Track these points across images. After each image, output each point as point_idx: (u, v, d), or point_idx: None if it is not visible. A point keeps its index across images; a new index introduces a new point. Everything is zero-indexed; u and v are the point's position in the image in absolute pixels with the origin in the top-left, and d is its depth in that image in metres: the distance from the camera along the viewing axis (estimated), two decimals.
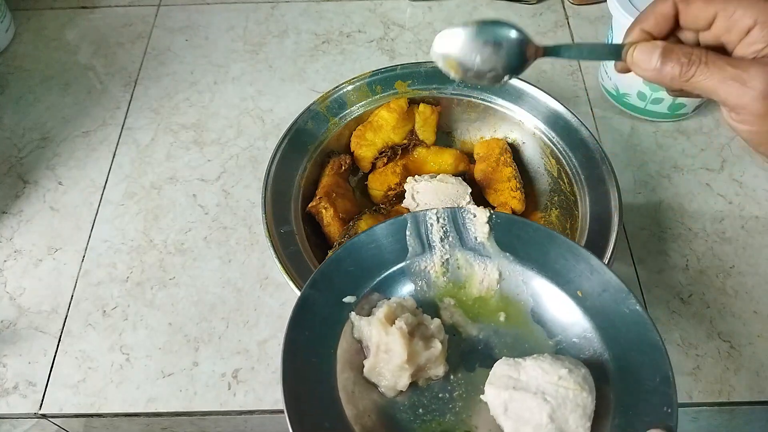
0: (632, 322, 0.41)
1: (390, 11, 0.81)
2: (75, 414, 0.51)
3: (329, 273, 0.44)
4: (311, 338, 0.41)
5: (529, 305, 0.45)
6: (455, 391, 0.42)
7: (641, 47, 0.36)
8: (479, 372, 0.43)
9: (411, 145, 0.62)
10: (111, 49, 0.77)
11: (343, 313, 0.43)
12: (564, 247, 0.44)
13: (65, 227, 0.61)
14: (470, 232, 0.46)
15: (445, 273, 0.46)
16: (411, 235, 0.46)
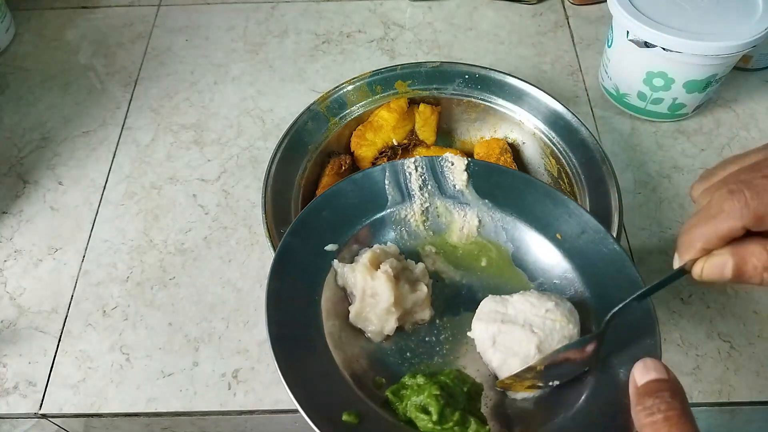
0: (610, 260, 0.42)
1: (390, 11, 0.81)
2: (75, 414, 0.51)
3: (309, 221, 0.45)
4: (294, 286, 0.42)
5: (509, 250, 0.46)
6: (441, 334, 0.43)
7: (710, 264, 0.33)
8: (464, 315, 0.44)
9: (411, 145, 0.62)
10: (111, 49, 0.77)
11: (325, 261, 0.44)
12: (542, 192, 0.45)
13: (65, 227, 0.61)
14: (449, 180, 0.47)
15: (425, 221, 0.47)
16: (390, 184, 0.47)
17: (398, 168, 0.47)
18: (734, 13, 0.59)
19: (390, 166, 0.47)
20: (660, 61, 0.61)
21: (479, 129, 0.63)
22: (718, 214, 0.32)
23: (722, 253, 0.33)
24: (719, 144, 0.66)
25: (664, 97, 0.64)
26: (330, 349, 0.40)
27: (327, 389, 0.38)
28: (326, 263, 0.44)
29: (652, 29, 0.58)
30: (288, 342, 0.39)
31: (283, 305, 0.40)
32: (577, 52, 0.75)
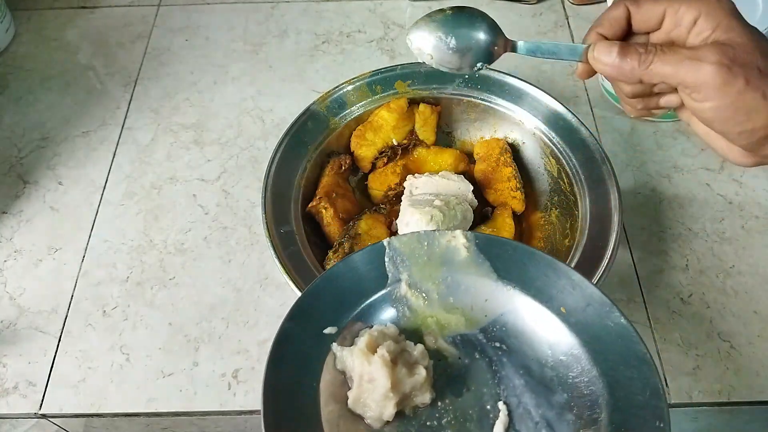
0: (618, 336, 0.40)
1: (390, 11, 0.81)
2: (75, 414, 0.51)
3: (308, 305, 0.43)
4: (293, 374, 0.40)
5: None
6: (443, 418, 0.42)
7: (600, 45, 0.38)
8: (467, 397, 0.42)
9: (411, 145, 0.62)
10: (111, 49, 0.77)
11: (324, 345, 0.42)
12: (544, 264, 0.44)
13: (65, 227, 0.61)
14: None
15: (425, 299, 0.45)
16: (390, 261, 0.45)
17: (393, 242, 0.46)
18: None
19: (388, 243, 0.45)
20: None
21: (479, 129, 0.63)
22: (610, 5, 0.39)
23: (611, 41, 0.38)
24: None
25: None
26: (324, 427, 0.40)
27: None
28: (326, 347, 0.42)
29: None
30: (283, 428, 0.38)
31: (281, 395, 0.39)
32: None
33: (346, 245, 0.52)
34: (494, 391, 0.42)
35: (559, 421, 0.40)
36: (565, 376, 0.41)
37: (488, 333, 0.44)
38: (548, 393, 0.41)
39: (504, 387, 0.42)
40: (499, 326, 0.44)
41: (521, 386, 0.42)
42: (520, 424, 0.41)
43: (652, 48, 0.36)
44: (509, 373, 0.43)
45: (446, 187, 0.57)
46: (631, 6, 0.39)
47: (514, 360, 0.43)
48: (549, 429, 0.40)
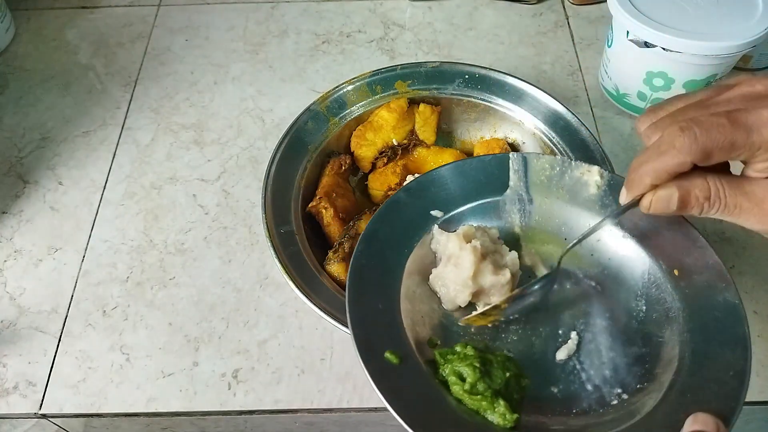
0: (725, 313, 0.40)
1: (390, 11, 0.81)
2: (75, 414, 0.51)
3: (426, 184, 0.46)
4: (391, 234, 0.44)
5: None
6: (513, 324, 0.43)
7: (657, 198, 0.36)
8: (543, 315, 0.43)
9: (411, 145, 0.62)
10: (111, 49, 0.77)
11: (428, 223, 0.45)
12: (672, 222, 0.43)
13: (65, 227, 0.61)
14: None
15: (538, 220, 0.46)
16: (515, 173, 0.47)
17: (530, 159, 0.47)
18: (734, 13, 0.59)
19: (520, 156, 0.47)
20: (660, 61, 0.61)
21: (479, 129, 0.63)
22: (669, 150, 0.33)
23: (668, 187, 0.35)
24: None
25: (664, 97, 0.64)
26: (401, 295, 0.42)
27: (383, 326, 0.40)
28: (428, 225, 0.45)
29: (652, 29, 0.58)
30: (366, 271, 0.42)
31: (375, 243, 0.43)
32: (577, 52, 0.75)
33: (346, 245, 0.52)
34: (572, 321, 0.43)
35: (627, 370, 0.41)
36: (652, 334, 0.41)
37: (588, 271, 0.45)
38: (627, 342, 0.42)
39: (583, 321, 0.43)
40: (602, 268, 0.45)
41: (602, 327, 0.43)
42: (586, 358, 0.42)
43: (714, 198, 0.34)
44: (594, 311, 0.43)
45: None
46: (699, 162, 0.34)
47: (604, 302, 0.44)
48: (613, 372, 0.41)
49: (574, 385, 0.41)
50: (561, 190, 0.46)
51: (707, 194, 0.34)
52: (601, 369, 0.41)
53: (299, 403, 0.50)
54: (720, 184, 0.34)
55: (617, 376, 0.40)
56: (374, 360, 0.38)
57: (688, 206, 0.35)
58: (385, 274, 0.43)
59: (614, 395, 0.40)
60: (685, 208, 0.35)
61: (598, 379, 0.41)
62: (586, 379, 0.41)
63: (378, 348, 0.39)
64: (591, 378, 0.41)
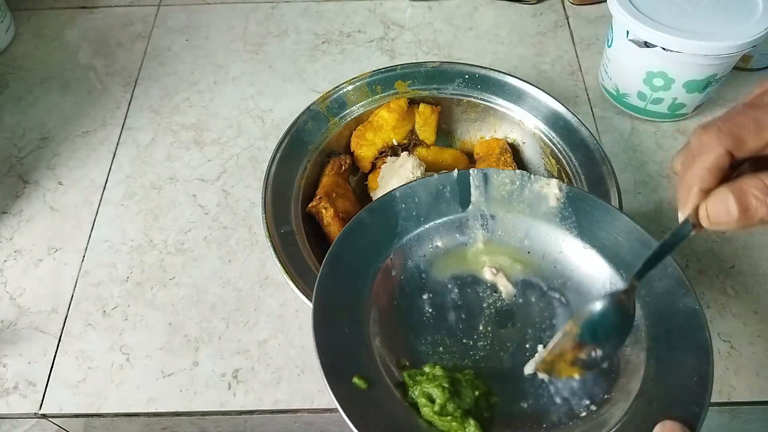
0: (685, 318, 0.40)
1: (390, 11, 0.81)
2: (75, 414, 0.51)
3: (389, 203, 0.47)
4: (356, 255, 0.44)
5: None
6: (480, 341, 0.43)
7: (712, 204, 0.33)
8: (510, 330, 0.44)
9: (411, 145, 0.62)
10: (111, 49, 0.77)
11: (392, 243, 0.45)
12: (629, 232, 0.44)
13: (65, 227, 0.61)
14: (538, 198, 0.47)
15: (500, 234, 0.47)
16: (476, 189, 0.47)
17: (490, 175, 0.47)
18: (734, 13, 0.59)
19: (479, 173, 0.47)
20: (660, 61, 0.61)
21: (479, 129, 0.63)
22: (700, 150, 0.33)
23: (720, 191, 0.33)
24: None
25: (664, 97, 0.64)
26: (369, 318, 0.42)
27: (350, 350, 0.40)
28: (392, 245, 0.45)
29: (652, 29, 0.58)
30: (332, 294, 0.42)
31: (340, 266, 0.43)
32: (577, 52, 0.75)
33: None
34: (538, 335, 0.44)
35: (594, 381, 0.41)
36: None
37: (552, 282, 0.45)
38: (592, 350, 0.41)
39: (549, 334, 0.43)
40: (565, 279, 0.45)
41: None
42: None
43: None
44: (559, 323, 0.44)
45: None
46: (733, 149, 0.32)
47: (568, 314, 0.44)
48: (581, 384, 0.41)
49: (543, 399, 0.41)
50: (522, 204, 0.47)
51: (765, 190, 0.31)
52: (568, 381, 0.41)
53: (299, 403, 0.50)
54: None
55: (585, 387, 0.41)
56: (342, 386, 0.38)
57: (749, 209, 0.32)
58: (351, 296, 0.42)
59: (583, 407, 0.40)
60: (747, 211, 0.32)
61: (566, 391, 0.41)
62: (554, 392, 0.41)
63: (346, 373, 0.38)
64: (559, 391, 0.41)
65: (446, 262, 0.47)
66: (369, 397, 0.38)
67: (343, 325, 0.41)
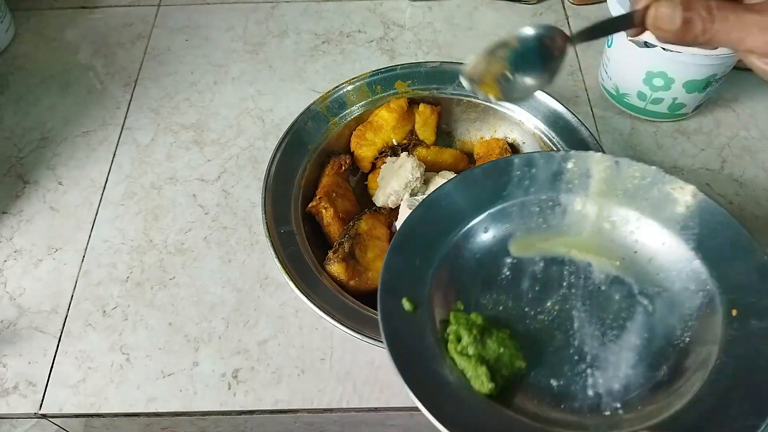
0: (765, 372, 0.37)
1: (390, 11, 0.81)
2: (75, 414, 0.51)
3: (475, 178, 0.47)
4: (454, 205, 0.46)
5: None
6: (542, 314, 0.43)
7: (662, 8, 0.34)
8: (574, 316, 0.43)
9: (411, 145, 0.62)
10: (111, 49, 0.77)
11: (494, 203, 0.46)
12: (755, 263, 0.40)
13: (65, 227, 0.61)
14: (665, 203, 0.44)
15: (610, 225, 0.45)
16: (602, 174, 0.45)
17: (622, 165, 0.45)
18: None
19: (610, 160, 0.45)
20: (660, 61, 0.61)
21: (479, 129, 0.63)
22: None
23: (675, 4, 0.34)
24: (719, 144, 0.66)
25: (664, 97, 0.64)
26: (446, 259, 0.44)
27: (412, 277, 0.42)
28: (493, 205, 0.46)
29: None
30: (418, 228, 0.44)
31: (436, 210, 0.45)
32: (577, 52, 0.75)
33: (346, 245, 0.52)
34: (602, 331, 0.42)
35: (638, 392, 0.39)
36: (683, 369, 0.39)
37: (646, 288, 0.43)
38: (651, 367, 0.40)
39: (616, 334, 0.42)
40: (662, 290, 0.43)
41: (633, 344, 0.41)
42: (602, 367, 0.41)
43: (716, 12, 0.33)
44: (632, 328, 0.42)
45: None
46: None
47: (647, 323, 0.42)
48: (623, 389, 0.40)
49: (576, 386, 0.40)
50: (645, 201, 0.44)
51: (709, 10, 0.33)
52: (612, 382, 0.40)
53: (299, 403, 0.50)
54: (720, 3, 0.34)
55: (625, 393, 0.39)
56: (390, 300, 0.41)
57: (690, 24, 0.34)
58: (436, 236, 0.44)
59: (611, 408, 0.39)
60: (687, 25, 0.34)
61: (604, 389, 0.40)
62: (591, 384, 0.40)
63: (399, 292, 0.41)
64: (597, 386, 0.40)
65: (543, 238, 0.46)
66: (409, 320, 0.40)
67: (417, 254, 0.43)
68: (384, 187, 0.57)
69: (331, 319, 0.46)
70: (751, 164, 0.65)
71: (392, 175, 0.57)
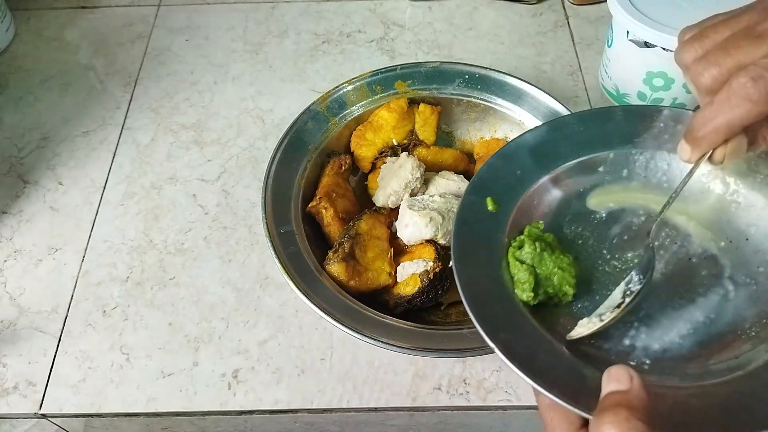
0: None
1: (390, 11, 0.81)
2: (75, 414, 0.51)
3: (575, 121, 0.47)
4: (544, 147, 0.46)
5: None
6: (615, 261, 0.43)
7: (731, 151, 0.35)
8: (649, 276, 0.40)
9: (411, 145, 0.62)
10: (111, 49, 0.77)
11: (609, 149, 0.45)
12: None
13: (65, 227, 0.61)
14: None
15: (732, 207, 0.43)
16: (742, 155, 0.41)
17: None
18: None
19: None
20: (660, 61, 0.61)
21: (479, 129, 0.63)
22: (743, 104, 0.32)
23: (739, 136, 0.34)
24: None
25: (664, 97, 0.64)
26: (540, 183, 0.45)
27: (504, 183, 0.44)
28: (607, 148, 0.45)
29: (652, 29, 0.58)
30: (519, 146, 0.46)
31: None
32: (577, 52, 0.75)
33: (346, 245, 0.52)
34: (669, 299, 0.41)
35: (673, 357, 0.38)
36: (732, 356, 0.38)
37: (737, 275, 0.41)
38: (702, 344, 0.39)
39: (680, 303, 0.41)
40: (754, 281, 0.41)
41: (695, 319, 0.40)
42: (651, 326, 0.40)
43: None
44: (701, 308, 0.40)
45: (446, 187, 0.57)
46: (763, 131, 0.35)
47: (722, 306, 0.40)
48: (661, 351, 0.39)
49: (615, 331, 0.39)
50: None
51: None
52: (653, 341, 0.39)
53: (299, 403, 0.50)
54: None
55: (660, 354, 0.38)
56: (476, 196, 0.43)
57: (755, 145, 0.35)
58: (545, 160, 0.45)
59: (639, 361, 0.38)
60: (752, 145, 0.35)
61: (641, 344, 0.39)
62: (631, 336, 0.39)
63: (486, 191, 0.43)
64: (636, 338, 0.39)
65: (658, 196, 0.44)
66: (485, 217, 0.43)
67: (520, 165, 0.45)
68: (384, 187, 0.57)
69: (331, 319, 0.46)
70: None
71: (392, 175, 0.57)
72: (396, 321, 0.48)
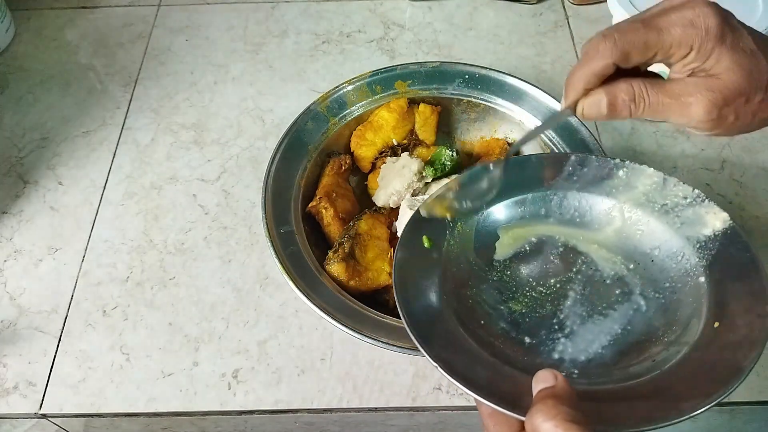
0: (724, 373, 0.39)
1: (390, 11, 0.81)
2: (75, 414, 0.51)
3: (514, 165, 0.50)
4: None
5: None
6: (540, 287, 0.46)
7: (588, 102, 0.39)
8: (572, 292, 0.45)
9: (411, 145, 0.62)
10: (111, 49, 0.77)
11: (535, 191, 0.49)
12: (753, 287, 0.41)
13: (65, 227, 0.61)
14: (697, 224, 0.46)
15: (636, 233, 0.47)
16: (648, 187, 0.48)
17: (668, 182, 0.47)
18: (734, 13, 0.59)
19: (659, 177, 0.47)
20: None
21: (479, 129, 0.63)
22: (594, 56, 0.37)
23: (597, 92, 0.38)
24: (719, 144, 0.66)
25: None
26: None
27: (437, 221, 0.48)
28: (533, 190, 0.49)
29: None
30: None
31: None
32: (577, 52, 0.75)
33: (346, 245, 0.52)
34: (587, 311, 0.44)
35: (598, 368, 0.41)
36: (649, 358, 0.41)
37: (647, 292, 0.45)
38: (622, 354, 0.42)
39: (604, 315, 0.44)
40: (663, 297, 0.44)
41: (612, 330, 0.43)
42: (576, 340, 0.43)
43: (639, 99, 0.37)
44: (618, 317, 0.44)
45: None
46: (620, 62, 0.37)
47: (635, 319, 0.44)
48: (586, 363, 0.41)
49: (545, 347, 0.42)
50: (677, 219, 0.46)
51: (632, 96, 0.37)
52: (579, 354, 0.42)
53: (299, 403, 0.50)
54: (643, 86, 0.37)
55: (586, 365, 0.41)
56: (412, 235, 0.46)
57: (616, 109, 0.38)
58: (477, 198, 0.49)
59: (568, 372, 0.40)
60: (615, 110, 0.38)
61: (569, 357, 0.42)
62: (559, 350, 0.42)
63: (422, 230, 0.46)
64: (563, 353, 0.42)
65: (571, 228, 0.48)
66: (421, 253, 0.46)
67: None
68: (385, 187, 0.57)
69: (331, 319, 0.46)
70: (751, 164, 0.65)
71: (394, 175, 0.57)
72: (396, 321, 0.48)
